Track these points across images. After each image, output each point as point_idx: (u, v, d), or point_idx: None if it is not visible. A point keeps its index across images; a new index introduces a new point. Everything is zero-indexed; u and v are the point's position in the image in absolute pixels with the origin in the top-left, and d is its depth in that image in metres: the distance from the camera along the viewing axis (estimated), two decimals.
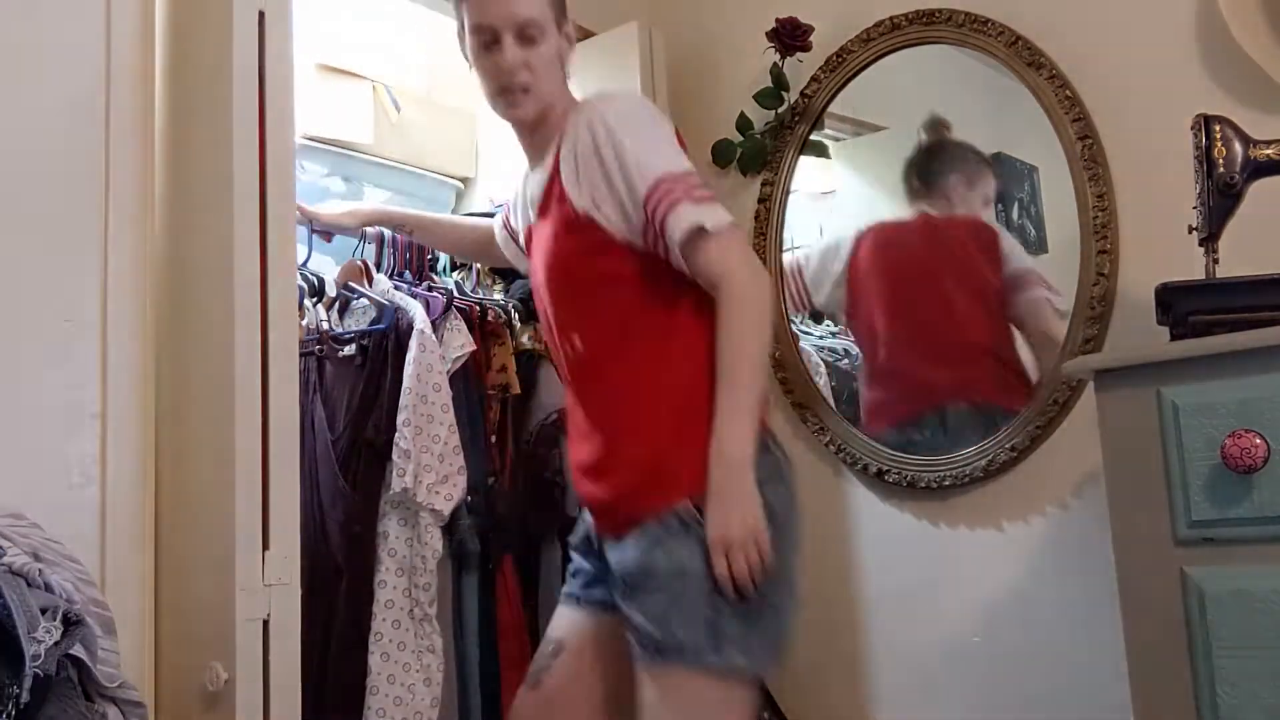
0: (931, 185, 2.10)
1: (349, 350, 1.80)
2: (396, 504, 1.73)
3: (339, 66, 2.15)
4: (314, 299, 1.87)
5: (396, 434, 1.70)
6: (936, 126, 2.08)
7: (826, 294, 2.21)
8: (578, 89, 2.25)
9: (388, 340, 1.78)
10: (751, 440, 1.33)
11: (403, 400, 1.71)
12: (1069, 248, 1.87)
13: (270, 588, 1.41)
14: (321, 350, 1.80)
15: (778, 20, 2.18)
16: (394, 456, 1.70)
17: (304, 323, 1.81)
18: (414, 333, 1.74)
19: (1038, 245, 1.99)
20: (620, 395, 1.42)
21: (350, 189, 2.16)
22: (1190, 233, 1.50)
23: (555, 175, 1.45)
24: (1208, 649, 1.28)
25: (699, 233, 1.34)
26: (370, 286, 1.87)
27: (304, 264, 1.83)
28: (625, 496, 1.39)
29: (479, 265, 2.08)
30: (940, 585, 2.00)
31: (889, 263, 2.13)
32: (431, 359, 1.74)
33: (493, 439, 1.91)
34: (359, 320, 1.84)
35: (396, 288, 1.86)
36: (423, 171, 2.28)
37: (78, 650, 1.04)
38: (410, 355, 1.73)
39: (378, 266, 1.91)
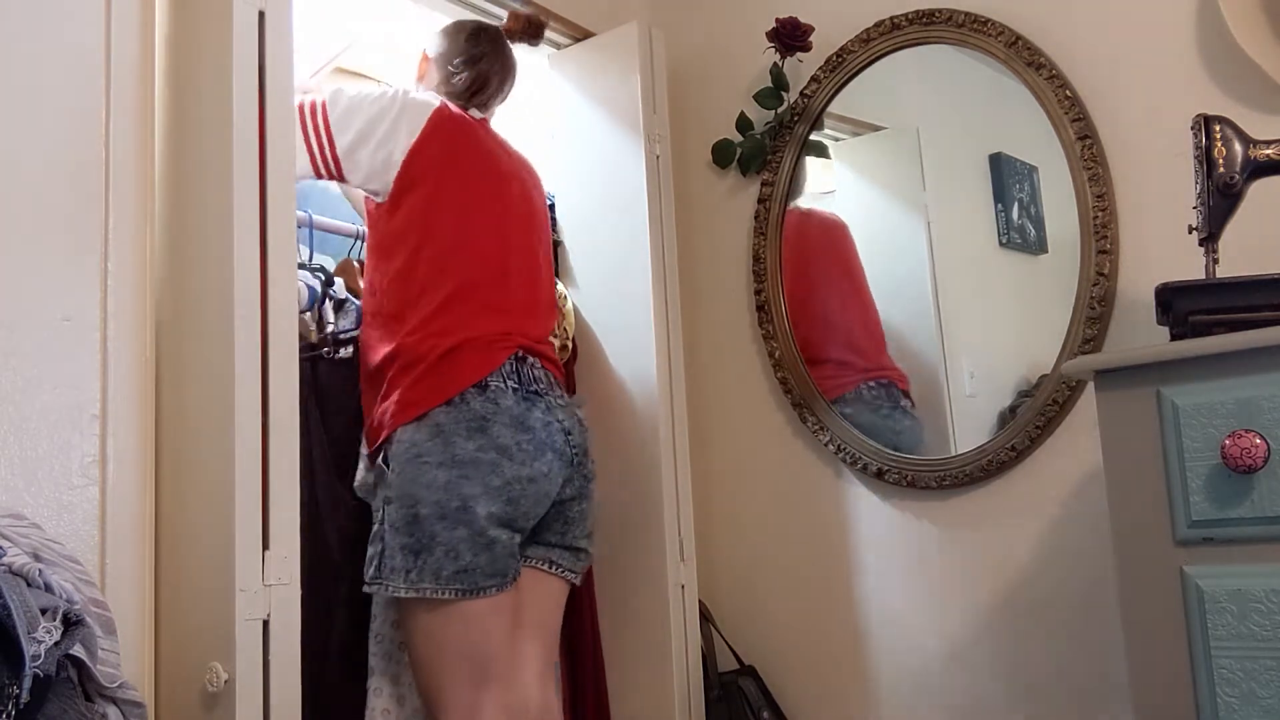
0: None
1: (345, 351, 1.80)
2: None
3: (347, 67, 2.16)
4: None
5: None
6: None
7: None
8: (579, 89, 2.26)
9: None
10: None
11: None
12: (1069, 248, 1.87)
13: (270, 588, 1.41)
14: (329, 352, 1.80)
15: (778, 20, 2.18)
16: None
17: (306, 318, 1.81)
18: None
19: (1038, 245, 1.99)
20: None
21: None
22: (1190, 233, 1.50)
23: None
24: (1207, 649, 1.28)
25: None
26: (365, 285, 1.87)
27: (309, 263, 1.84)
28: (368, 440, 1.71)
29: None
30: (940, 585, 2.00)
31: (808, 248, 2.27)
32: None
33: None
34: (353, 320, 1.84)
35: None
36: None
37: (78, 650, 1.04)
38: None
39: None
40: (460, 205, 1.75)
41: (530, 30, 1.99)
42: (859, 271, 2.18)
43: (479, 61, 1.88)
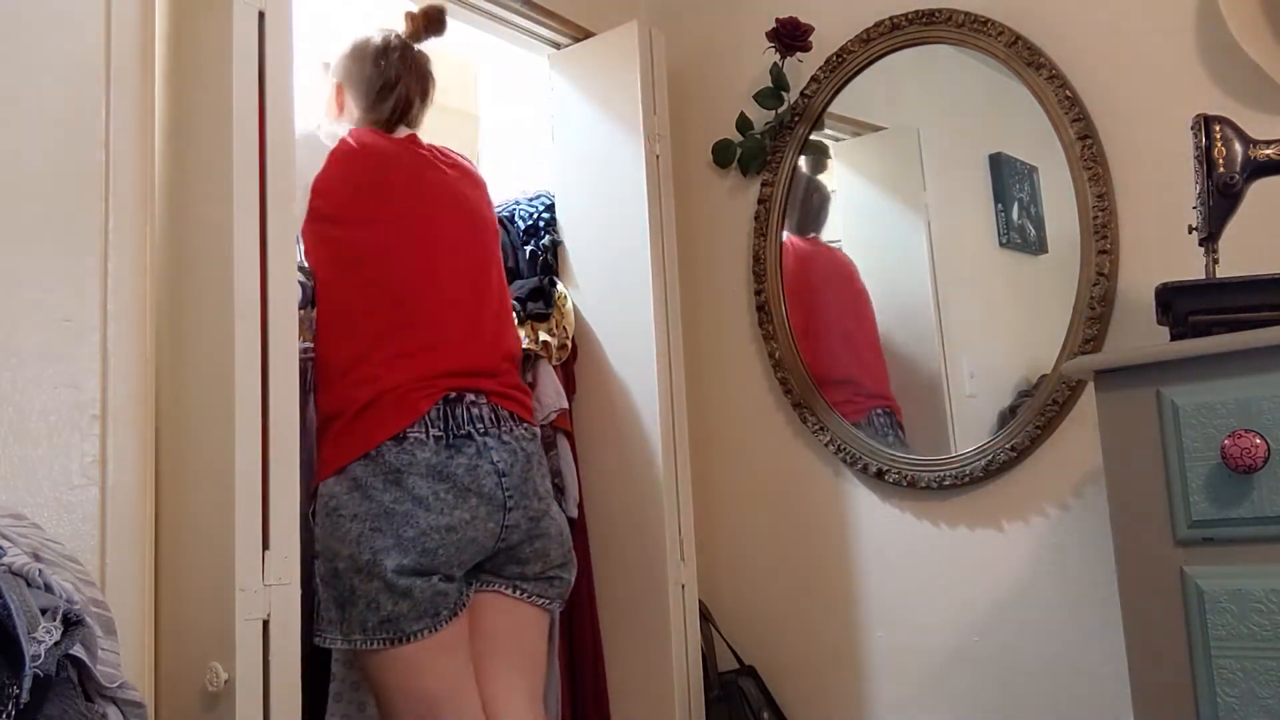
0: (818, 219, 2.27)
1: None
2: None
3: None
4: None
5: None
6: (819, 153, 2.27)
7: None
8: (579, 89, 2.26)
9: None
10: None
11: None
12: (1069, 248, 1.87)
13: (270, 588, 1.41)
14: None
15: (778, 20, 2.18)
16: None
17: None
18: None
19: (1038, 245, 1.99)
20: None
21: None
22: (1190, 233, 1.50)
23: None
24: (1208, 649, 1.28)
25: None
26: None
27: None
28: None
29: None
30: (940, 585, 2.00)
31: (813, 276, 2.27)
32: None
33: None
34: None
35: None
36: None
37: (78, 650, 1.03)
38: None
39: None
40: (380, 246, 1.68)
41: (430, 25, 1.85)
42: (867, 307, 2.16)
43: (396, 84, 1.80)
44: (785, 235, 2.26)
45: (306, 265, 1.69)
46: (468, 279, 1.76)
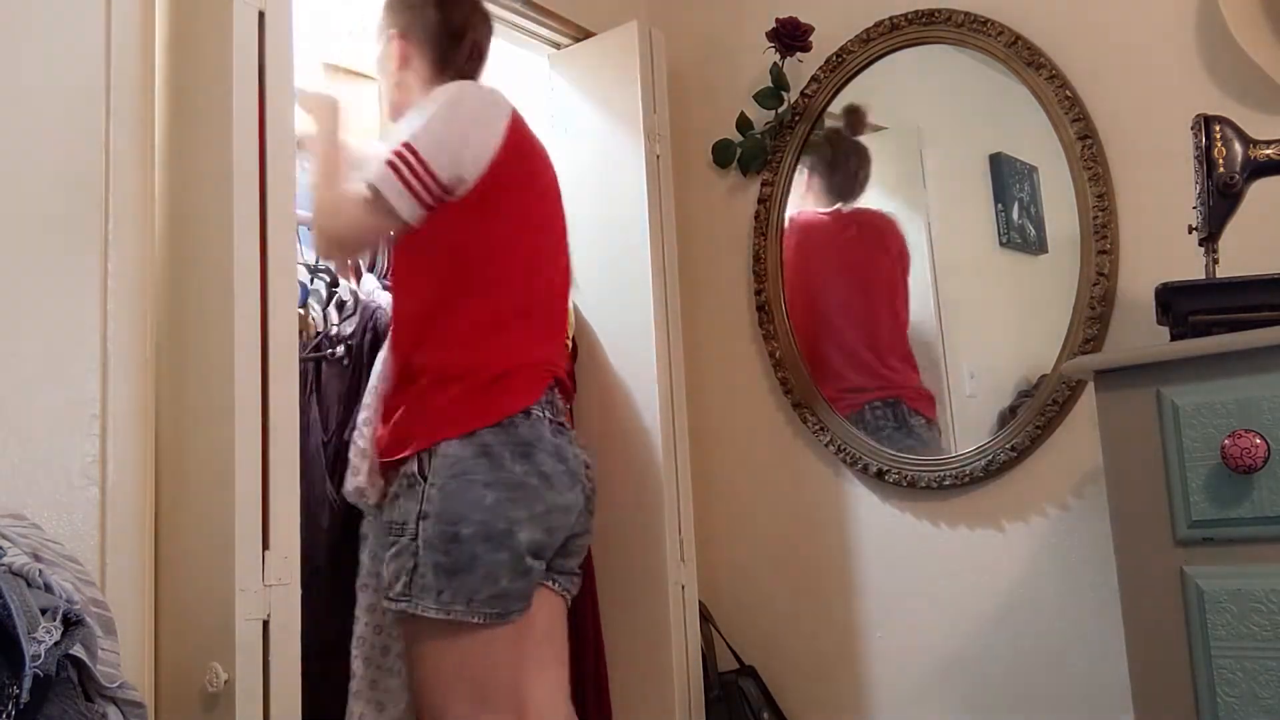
0: (851, 182, 2.20)
1: (339, 351, 1.79)
2: None
3: (346, 66, 2.16)
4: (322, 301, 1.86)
5: (355, 432, 1.64)
6: (855, 115, 2.17)
7: None
8: (579, 89, 2.27)
9: (365, 339, 1.77)
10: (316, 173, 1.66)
11: (365, 399, 1.66)
12: (1069, 248, 1.87)
13: (270, 588, 1.41)
14: (333, 353, 1.80)
15: (778, 20, 2.19)
16: (350, 455, 1.64)
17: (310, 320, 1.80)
18: (390, 330, 1.73)
19: (1038, 245, 1.99)
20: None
21: None
22: (1190, 233, 1.50)
23: None
24: (1208, 649, 1.28)
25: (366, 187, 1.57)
26: (359, 286, 1.86)
27: (317, 266, 1.84)
28: (383, 448, 1.59)
29: None
30: (940, 585, 2.00)
31: (816, 258, 2.25)
32: None
33: None
34: (351, 321, 1.84)
35: (385, 288, 1.85)
36: None
37: (78, 650, 1.04)
38: (381, 354, 1.69)
39: (370, 268, 1.91)
40: (531, 225, 1.68)
41: None
42: (878, 280, 2.14)
43: (466, 30, 1.70)
44: (794, 210, 2.24)
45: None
46: (564, 281, 1.79)
